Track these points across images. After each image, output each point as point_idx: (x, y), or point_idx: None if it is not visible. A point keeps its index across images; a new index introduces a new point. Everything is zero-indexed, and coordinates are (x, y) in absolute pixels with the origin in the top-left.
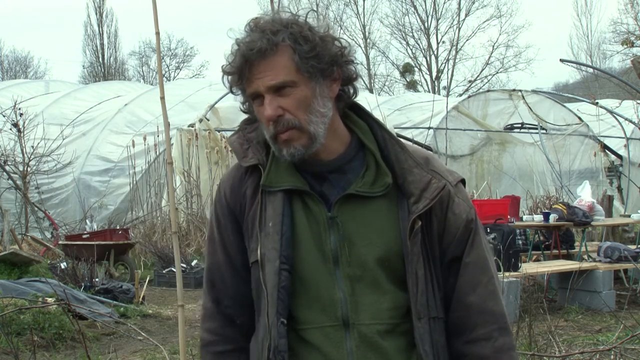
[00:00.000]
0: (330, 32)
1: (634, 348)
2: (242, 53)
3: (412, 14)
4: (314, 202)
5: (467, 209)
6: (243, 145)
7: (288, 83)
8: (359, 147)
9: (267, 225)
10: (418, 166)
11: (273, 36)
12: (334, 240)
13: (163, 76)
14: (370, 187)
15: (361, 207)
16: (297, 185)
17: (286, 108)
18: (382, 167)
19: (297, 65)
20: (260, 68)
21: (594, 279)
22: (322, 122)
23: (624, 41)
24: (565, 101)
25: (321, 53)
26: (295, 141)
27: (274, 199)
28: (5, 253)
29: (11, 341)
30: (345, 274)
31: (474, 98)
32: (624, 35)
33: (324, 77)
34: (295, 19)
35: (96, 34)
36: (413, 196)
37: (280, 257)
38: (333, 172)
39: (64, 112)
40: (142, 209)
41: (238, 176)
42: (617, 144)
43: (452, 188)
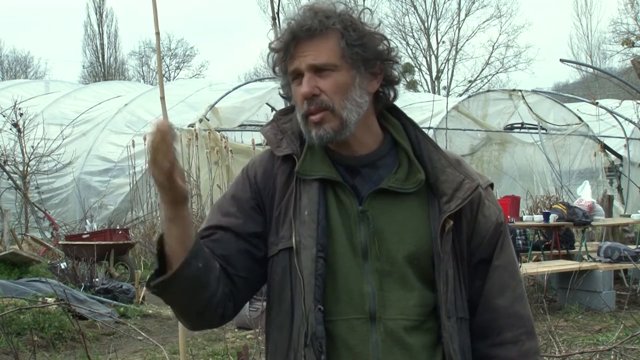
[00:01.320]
0: (380, 30)
1: (634, 348)
2: (292, 29)
3: (412, 14)
4: (346, 195)
5: (497, 212)
6: (277, 135)
7: (329, 66)
8: (392, 145)
9: (302, 214)
10: (451, 166)
11: (325, 18)
12: (364, 234)
13: (163, 76)
14: (402, 183)
15: (392, 203)
16: (331, 175)
17: (323, 89)
18: (415, 164)
19: (342, 51)
20: (305, 46)
21: (594, 279)
22: (356, 112)
23: (624, 41)
24: (565, 101)
25: (368, 44)
26: (325, 123)
27: (310, 189)
28: (5, 253)
29: (11, 341)
30: (374, 268)
31: (474, 98)
32: (624, 35)
33: (366, 68)
34: (349, 11)
35: (96, 34)
36: (445, 195)
37: (317, 245)
38: (365, 167)
39: (64, 112)
40: (142, 209)
41: (270, 162)
42: (617, 144)
43: (482, 190)
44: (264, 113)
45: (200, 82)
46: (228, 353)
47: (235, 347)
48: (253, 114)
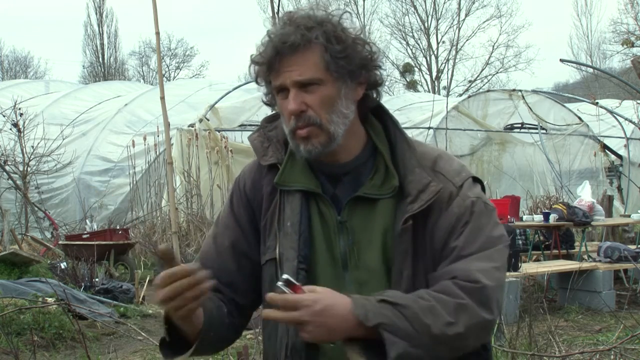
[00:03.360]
0: (361, 35)
1: (634, 348)
2: (275, 45)
3: (412, 14)
4: (326, 205)
5: (467, 204)
6: (264, 143)
7: (315, 80)
8: (374, 148)
9: (285, 225)
10: (420, 166)
11: (307, 32)
12: (343, 244)
13: (163, 76)
14: (378, 189)
15: (369, 210)
16: (309, 187)
17: (310, 105)
18: (390, 169)
19: (326, 64)
20: (290, 62)
21: (594, 279)
22: (342, 123)
23: (624, 41)
24: (565, 101)
25: (352, 55)
26: (313, 138)
27: (292, 199)
28: (5, 253)
29: (11, 341)
30: (353, 277)
31: (474, 98)
32: (624, 35)
33: (351, 79)
34: (329, 18)
35: (96, 34)
36: (410, 196)
37: (298, 257)
38: (348, 174)
39: (64, 112)
40: (142, 209)
41: (258, 172)
42: (617, 144)
43: (455, 189)
44: (264, 113)
45: (200, 82)
46: (228, 353)
47: (235, 347)
48: (253, 114)
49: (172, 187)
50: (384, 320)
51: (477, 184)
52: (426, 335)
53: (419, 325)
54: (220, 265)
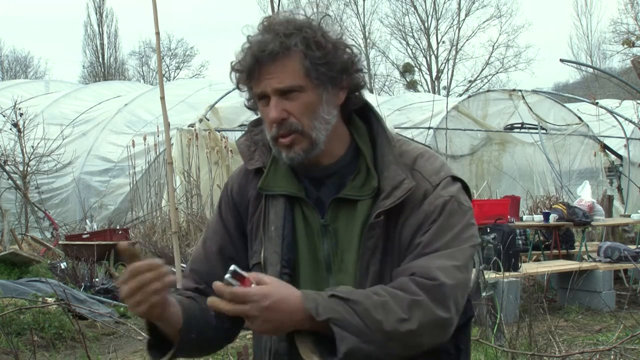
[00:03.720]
0: (342, 38)
1: (634, 348)
2: (253, 53)
3: (412, 14)
4: (309, 209)
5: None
6: (250, 147)
7: (296, 87)
8: (357, 150)
9: (269, 229)
10: (397, 163)
11: (286, 39)
12: (326, 247)
13: (163, 76)
14: (359, 190)
15: (351, 211)
16: (292, 191)
17: (291, 112)
18: (371, 170)
19: (306, 71)
20: (270, 69)
21: (594, 279)
22: (324, 129)
23: (624, 41)
24: (565, 101)
25: (332, 61)
26: (296, 145)
27: (277, 204)
28: (5, 253)
29: (11, 341)
30: (338, 280)
31: (474, 98)
32: (624, 35)
33: (333, 85)
34: (309, 23)
35: (96, 34)
36: (384, 192)
37: (282, 261)
38: (331, 177)
39: (64, 112)
40: (142, 209)
41: (245, 176)
42: (617, 144)
43: (430, 188)
44: None
45: (200, 82)
46: (228, 353)
47: (235, 347)
48: (253, 114)
49: (172, 187)
50: (334, 315)
51: (455, 183)
52: (378, 331)
53: (370, 321)
54: (209, 270)
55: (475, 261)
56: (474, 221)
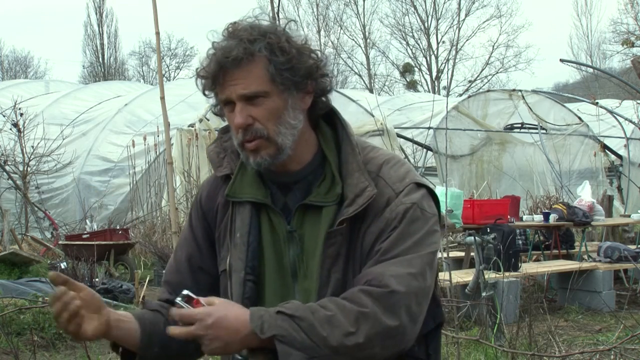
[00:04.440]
0: (307, 43)
1: (634, 348)
2: (218, 59)
3: (412, 14)
4: (275, 215)
5: (399, 210)
6: (220, 154)
7: (260, 93)
8: (324, 155)
9: (235, 236)
10: (360, 170)
11: (250, 45)
12: (292, 254)
13: (163, 76)
14: (323, 197)
15: (316, 218)
16: (258, 198)
17: (256, 117)
18: (335, 176)
19: (271, 76)
20: (234, 75)
21: (594, 279)
22: (290, 134)
23: (624, 41)
24: (565, 101)
25: (296, 66)
26: (262, 150)
27: (243, 210)
28: (5, 253)
29: (11, 341)
30: (302, 287)
31: (474, 98)
32: (624, 35)
33: (298, 89)
34: (273, 29)
35: (96, 34)
36: (347, 199)
37: (246, 268)
38: (298, 183)
39: (64, 112)
40: (142, 209)
41: (215, 183)
42: (617, 144)
43: (393, 195)
44: None
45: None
46: None
47: None
48: None
49: (172, 187)
50: (279, 331)
51: (420, 189)
52: (324, 346)
53: (315, 337)
54: (180, 280)
55: (476, 261)
56: (438, 227)
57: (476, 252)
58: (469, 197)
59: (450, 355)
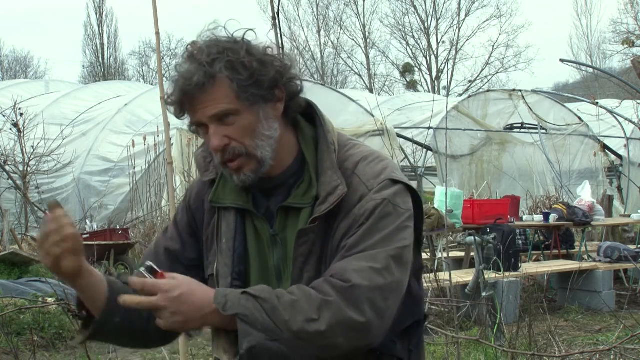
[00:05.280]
0: (268, 51)
1: (634, 348)
2: (181, 87)
3: (412, 14)
4: (258, 220)
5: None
6: (206, 158)
7: (231, 111)
8: (303, 157)
9: (222, 242)
10: (333, 168)
11: (209, 68)
12: (276, 257)
13: (163, 76)
14: (301, 198)
15: (297, 220)
16: (240, 203)
17: (231, 137)
18: (312, 178)
19: (236, 94)
20: (200, 100)
21: (594, 279)
22: (268, 145)
23: (624, 41)
24: (565, 101)
25: (260, 79)
26: (244, 168)
27: (228, 216)
28: (5, 253)
29: (11, 341)
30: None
31: (474, 98)
32: (624, 35)
33: (266, 101)
34: (232, 44)
35: (96, 34)
36: (320, 197)
37: (232, 274)
38: (280, 187)
39: (64, 112)
40: (142, 209)
41: (203, 186)
42: (617, 144)
43: (367, 192)
44: None
45: None
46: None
47: None
48: None
49: (172, 187)
50: (242, 310)
51: (395, 185)
52: (285, 330)
53: (277, 319)
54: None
55: (476, 261)
56: (411, 223)
57: (476, 252)
58: (469, 197)
59: (450, 355)
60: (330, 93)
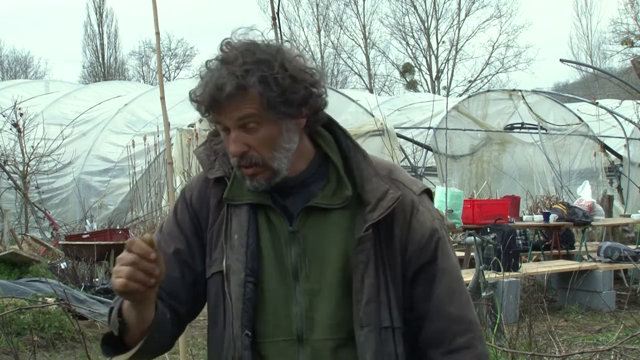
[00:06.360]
0: (302, 65)
1: (634, 348)
2: (210, 93)
3: (412, 14)
4: (276, 216)
5: (431, 218)
6: (210, 157)
7: (255, 121)
8: (323, 160)
9: (232, 238)
10: (377, 175)
11: (242, 80)
12: (294, 254)
13: (163, 76)
14: (330, 199)
15: (322, 220)
16: (260, 200)
17: (251, 145)
18: (343, 179)
19: (265, 108)
20: (228, 107)
21: (594, 279)
22: (285, 157)
23: (623, 41)
24: (565, 101)
25: (290, 98)
26: (258, 175)
27: (240, 212)
28: (5, 253)
29: (11, 341)
30: (304, 288)
31: (474, 98)
32: (624, 35)
33: (292, 117)
34: (267, 55)
35: (96, 34)
36: (370, 204)
37: (246, 270)
38: (295, 187)
39: (64, 112)
40: (142, 209)
41: (205, 184)
42: (617, 144)
43: (415, 197)
44: None
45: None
46: None
47: None
48: None
49: (172, 187)
50: None
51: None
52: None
53: None
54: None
55: (476, 261)
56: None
57: (476, 252)
58: (469, 197)
59: None
60: (330, 93)
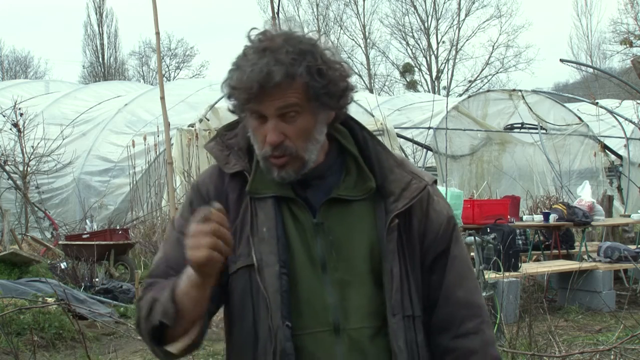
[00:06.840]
0: (339, 59)
1: (634, 348)
2: (258, 80)
3: (412, 14)
4: (299, 209)
5: (446, 207)
6: (223, 151)
7: (295, 109)
8: (339, 152)
9: (260, 231)
10: (399, 166)
11: (290, 67)
12: (320, 246)
13: (163, 76)
14: (351, 190)
15: (345, 211)
16: (283, 192)
17: (288, 135)
18: (364, 171)
19: (308, 97)
20: (272, 94)
21: (594, 279)
22: (315, 149)
23: (623, 41)
24: (565, 101)
25: (332, 90)
26: (288, 166)
27: (265, 205)
28: (5, 253)
29: (11, 341)
30: (334, 279)
31: (474, 98)
32: (624, 35)
33: (330, 109)
34: (310, 46)
35: (96, 34)
36: (393, 195)
37: (279, 262)
38: (314, 179)
39: (64, 112)
40: (142, 209)
41: (220, 179)
42: (617, 144)
43: (431, 187)
44: None
45: (200, 82)
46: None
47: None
48: None
49: (172, 187)
50: None
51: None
52: None
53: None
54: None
55: (476, 261)
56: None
57: (476, 252)
58: (469, 197)
59: None
60: None
